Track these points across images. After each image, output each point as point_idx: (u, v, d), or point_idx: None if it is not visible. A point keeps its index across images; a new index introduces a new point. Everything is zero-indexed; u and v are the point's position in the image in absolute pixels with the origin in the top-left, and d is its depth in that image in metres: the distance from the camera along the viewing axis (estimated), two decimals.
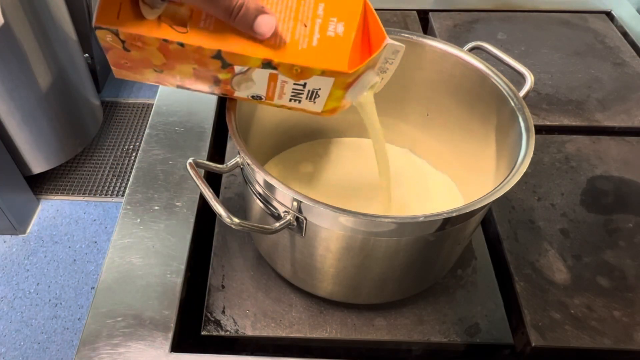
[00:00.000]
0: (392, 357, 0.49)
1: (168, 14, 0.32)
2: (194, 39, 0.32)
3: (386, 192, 0.47)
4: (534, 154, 0.38)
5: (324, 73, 0.34)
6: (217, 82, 0.36)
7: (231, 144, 0.63)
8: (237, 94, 0.37)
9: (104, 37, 0.32)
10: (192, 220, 0.53)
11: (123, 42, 0.32)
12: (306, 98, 0.37)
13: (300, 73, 0.35)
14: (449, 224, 0.37)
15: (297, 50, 0.34)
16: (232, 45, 0.33)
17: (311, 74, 0.35)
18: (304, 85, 0.35)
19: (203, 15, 0.32)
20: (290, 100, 0.37)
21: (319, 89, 0.36)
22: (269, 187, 0.38)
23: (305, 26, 0.34)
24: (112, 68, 0.36)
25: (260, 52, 0.33)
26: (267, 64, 0.34)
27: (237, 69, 0.34)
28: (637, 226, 0.54)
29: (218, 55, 0.33)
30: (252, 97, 0.37)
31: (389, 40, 0.36)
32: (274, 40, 0.33)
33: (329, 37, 0.34)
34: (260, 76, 0.35)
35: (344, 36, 0.35)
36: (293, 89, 0.36)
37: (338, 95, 0.37)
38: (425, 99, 0.53)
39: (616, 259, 0.51)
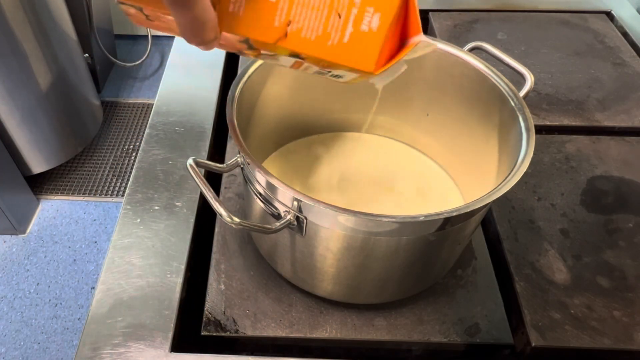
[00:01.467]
0: (392, 357, 0.49)
1: None
2: (221, 24, 0.30)
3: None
4: (534, 154, 0.38)
5: (350, 70, 0.34)
6: (241, 52, 0.35)
7: (231, 144, 0.63)
8: (261, 59, 0.36)
9: (127, 10, 0.30)
10: (192, 220, 0.53)
11: (147, 15, 0.31)
12: (330, 76, 0.36)
13: (327, 65, 0.33)
14: (449, 223, 0.37)
15: (326, 45, 0.32)
16: (262, 34, 0.31)
17: (337, 68, 0.34)
18: (329, 71, 0.35)
19: None
20: (314, 73, 0.36)
21: (343, 75, 0.35)
22: (269, 186, 0.38)
23: (340, 17, 0.32)
24: (134, 22, 0.33)
25: (289, 44, 0.31)
26: (295, 55, 0.32)
27: (263, 51, 0.33)
28: (637, 226, 0.54)
29: (246, 41, 0.32)
30: (279, 65, 0.36)
31: (422, 37, 0.34)
32: (305, 32, 0.31)
33: (362, 32, 0.32)
34: (287, 60, 0.34)
35: (377, 31, 0.33)
36: (317, 71, 0.35)
37: (362, 79, 0.36)
38: (425, 99, 0.53)
39: (616, 259, 0.51)
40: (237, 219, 0.36)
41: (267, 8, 0.30)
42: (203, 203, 0.55)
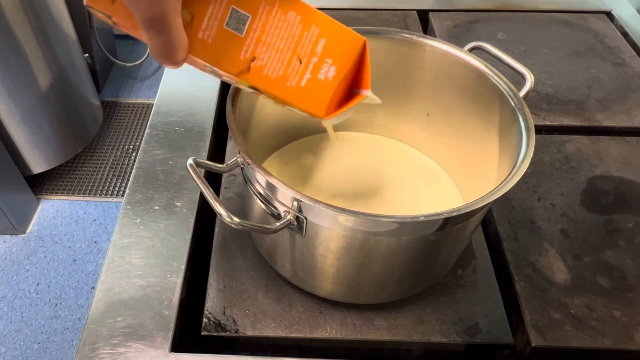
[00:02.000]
0: (392, 357, 0.49)
1: None
2: (190, 48, 0.31)
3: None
4: (534, 154, 0.38)
5: (301, 111, 0.36)
6: (204, 71, 0.36)
7: (231, 144, 0.63)
8: (222, 79, 0.38)
9: (95, 13, 0.31)
10: (192, 220, 0.53)
11: (114, 22, 0.32)
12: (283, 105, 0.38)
13: (281, 102, 0.35)
14: (449, 223, 0.37)
15: (284, 85, 0.34)
16: (226, 65, 0.32)
17: (291, 107, 0.36)
18: (283, 104, 0.36)
19: (204, 24, 0.31)
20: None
21: (295, 111, 0.37)
22: (269, 186, 0.38)
23: (301, 62, 0.34)
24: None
25: (251, 78, 0.33)
26: (254, 88, 0.34)
27: (225, 77, 0.34)
28: (637, 226, 0.54)
29: (210, 68, 0.33)
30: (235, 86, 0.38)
31: (369, 94, 0.36)
32: (267, 70, 0.33)
33: (318, 79, 0.35)
34: (245, 88, 0.35)
35: (331, 81, 0.35)
36: (273, 101, 0.37)
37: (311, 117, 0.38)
38: (425, 99, 0.53)
39: (616, 259, 0.51)
40: (237, 219, 0.36)
41: (235, 42, 0.32)
42: (203, 203, 0.55)
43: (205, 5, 0.31)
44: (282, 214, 0.39)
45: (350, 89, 0.37)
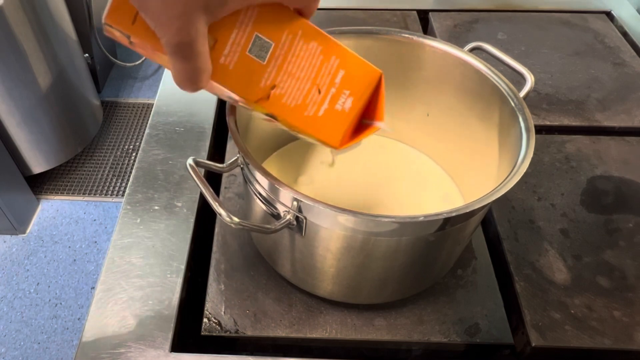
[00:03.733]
0: (392, 357, 0.49)
1: None
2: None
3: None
4: (534, 154, 0.38)
5: (316, 139, 0.36)
6: (220, 96, 0.36)
7: (231, 144, 0.63)
8: (237, 105, 0.38)
9: (112, 32, 0.31)
10: (192, 220, 0.53)
11: (132, 43, 0.32)
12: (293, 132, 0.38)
13: (297, 131, 0.36)
14: (449, 224, 0.37)
15: (302, 114, 0.34)
16: (246, 91, 0.32)
17: (306, 136, 0.36)
18: (298, 133, 0.37)
19: (226, 50, 0.31)
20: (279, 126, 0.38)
21: (307, 139, 0.37)
22: (269, 186, 0.38)
23: (319, 92, 0.34)
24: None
25: (269, 106, 0.33)
26: (270, 115, 0.34)
27: (241, 103, 0.34)
28: (637, 226, 0.54)
29: (227, 94, 0.33)
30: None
31: (382, 125, 0.36)
32: (286, 99, 0.33)
33: (335, 110, 0.35)
34: (260, 115, 0.35)
35: (348, 112, 0.35)
36: (286, 129, 0.37)
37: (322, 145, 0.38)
38: (425, 99, 0.53)
39: (616, 259, 0.51)
40: (236, 219, 0.36)
41: (257, 69, 0.32)
42: (203, 203, 0.55)
43: (229, 31, 0.30)
44: (282, 214, 0.39)
45: (361, 119, 0.37)
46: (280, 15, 0.32)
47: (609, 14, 0.84)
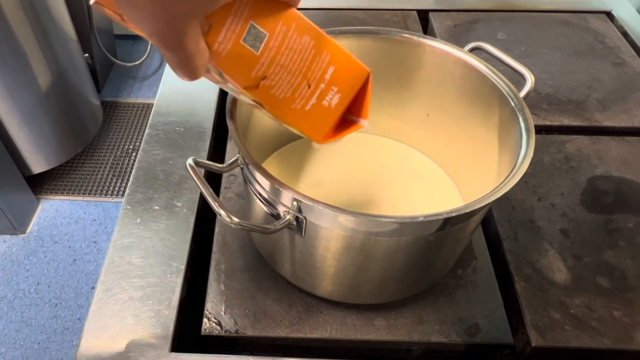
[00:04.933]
0: (392, 357, 0.49)
1: None
2: None
3: None
4: (534, 154, 0.38)
5: (300, 132, 0.36)
6: (208, 76, 0.36)
7: (231, 144, 0.63)
8: (224, 88, 0.37)
9: (103, 9, 0.30)
10: (192, 220, 0.53)
11: (125, 20, 0.31)
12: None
13: (282, 122, 0.35)
14: (449, 224, 0.37)
15: (289, 107, 0.34)
16: (236, 76, 0.32)
17: (290, 127, 0.36)
18: (281, 123, 0.37)
19: (220, 37, 0.30)
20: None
21: (292, 129, 0.37)
22: (269, 186, 0.38)
23: (309, 87, 0.34)
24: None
25: (257, 95, 0.33)
26: (257, 103, 0.34)
27: (230, 85, 0.34)
28: (637, 226, 0.54)
29: (219, 72, 0.33)
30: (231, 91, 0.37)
31: (365, 123, 0.37)
32: (275, 90, 0.33)
33: (322, 106, 0.35)
34: (247, 100, 0.35)
35: (334, 109, 0.36)
36: (270, 116, 0.37)
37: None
38: (425, 99, 0.53)
39: (616, 259, 0.51)
40: (236, 219, 0.36)
41: (250, 58, 0.32)
42: (203, 203, 0.55)
43: (224, 17, 0.30)
44: (282, 214, 0.39)
45: (345, 115, 0.37)
46: (274, 6, 0.31)
47: (609, 14, 0.84)
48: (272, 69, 0.32)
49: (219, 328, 0.46)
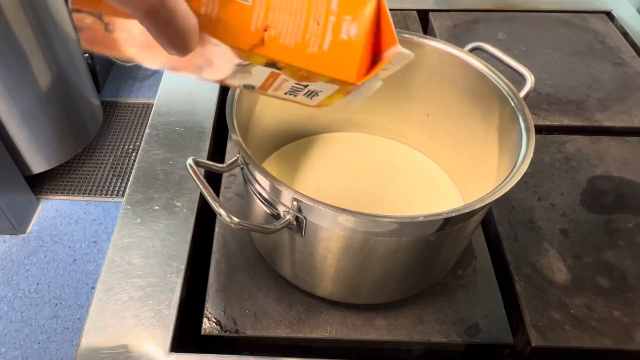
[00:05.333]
0: (392, 357, 0.49)
1: None
2: None
3: None
4: (534, 154, 0.38)
5: (331, 80, 0.32)
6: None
7: (231, 144, 0.63)
8: (229, 81, 0.34)
9: (83, 19, 0.27)
10: (192, 220, 0.53)
11: (106, 24, 0.28)
12: (304, 95, 0.35)
13: (306, 77, 0.32)
14: (449, 224, 0.37)
15: (306, 53, 0.31)
16: (237, 39, 0.29)
17: (317, 79, 0.32)
18: (306, 85, 0.33)
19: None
20: (285, 94, 0.35)
21: (321, 90, 0.34)
22: (269, 186, 0.38)
23: (318, 24, 0.30)
24: (83, 43, 0.30)
25: (267, 51, 0.30)
26: (272, 64, 0.31)
27: (235, 52, 0.30)
28: (637, 226, 0.54)
29: (217, 51, 0.30)
30: (244, 86, 0.34)
31: (398, 48, 0.33)
32: (283, 39, 0.30)
33: (341, 40, 0.31)
34: (260, 72, 0.32)
35: (355, 41, 0.32)
36: (293, 86, 0.33)
37: (338, 97, 0.35)
38: (425, 99, 0.53)
39: (616, 259, 0.51)
40: (236, 219, 0.36)
41: (243, 12, 0.28)
42: (203, 203, 0.55)
43: None
44: (282, 214, 0.39)
45: (373, 55, 0.34)
46: None
47: (609, 14, 0.84)
48: (271, 15, 0.29)
49: (219, 328, 0.46)
